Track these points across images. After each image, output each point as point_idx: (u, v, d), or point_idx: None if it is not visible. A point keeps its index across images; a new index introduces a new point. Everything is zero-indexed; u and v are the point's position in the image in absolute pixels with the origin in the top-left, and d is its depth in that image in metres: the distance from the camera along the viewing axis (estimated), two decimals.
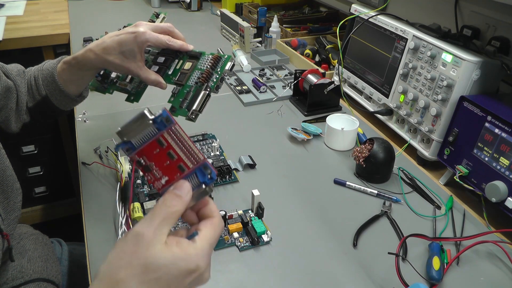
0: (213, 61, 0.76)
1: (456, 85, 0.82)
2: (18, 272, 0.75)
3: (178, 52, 0.79)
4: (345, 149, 0.97)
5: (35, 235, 0.88)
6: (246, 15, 1.80)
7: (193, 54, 0.78)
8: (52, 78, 0.79)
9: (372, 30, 1.05)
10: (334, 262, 0.68)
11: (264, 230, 0.72)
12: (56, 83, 0.79)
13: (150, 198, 0.77)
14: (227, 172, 0.85)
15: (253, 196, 0.75)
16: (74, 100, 0.83)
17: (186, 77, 0.77)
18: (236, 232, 0.72)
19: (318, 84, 1.08)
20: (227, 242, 0.70)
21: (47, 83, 0.80)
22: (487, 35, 0.92)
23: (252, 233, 0.70)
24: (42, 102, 0.81)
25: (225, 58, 0.77)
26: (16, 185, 0.76)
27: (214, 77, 0.75)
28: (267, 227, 0.73)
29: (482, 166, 0.76)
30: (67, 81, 0.79)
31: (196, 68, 0.77)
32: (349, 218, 0.77)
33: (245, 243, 0.70)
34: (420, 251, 0.70)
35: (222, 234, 0.71)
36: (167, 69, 0.79)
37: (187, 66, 0.77)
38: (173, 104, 0.76)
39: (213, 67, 0.75)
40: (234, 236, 0.71)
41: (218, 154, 0.91)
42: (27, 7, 1.84)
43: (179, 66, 0.79)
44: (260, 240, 0.71)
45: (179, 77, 0.77)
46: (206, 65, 0.76)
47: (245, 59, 1.37)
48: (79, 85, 0.81)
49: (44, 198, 1.84)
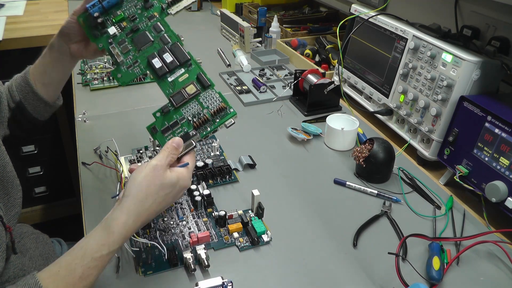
0: (216, 109, 0.67)
1: (456, 85, 0.82)
2: (19, 270, 0.75)
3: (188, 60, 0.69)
4: (345, 149, 0.97)
5: (35, 234, 0.89)
6: (246, 15, 1.80)
7: (202, 79, 0.68)
8: (25, 81, 0.80)
9: (372, 30, 1.05)
10: (334, 262, 0.68)
11: (264, 230, 0.72)
12: (29, 84, 0.80)
13: None
14: (227, 172, 0.85)
15: (253, 196, 0.75)
16: (47, 105, 0.84)
17: (183, 101, 0.67)
18: (236, 232, 0.72)
19: (318, 84, 1.08)
20: (227, 242, 0.70)
21: (20, 88, 0.81)
22: (487, 35, 0.92)
23: (252, 233, 0.70)
24: (17, 110, 0.81)
25: (230, 112, 0.67)
26: (16, 182, 0.76)
27: (209, 126, 0.67)
28: (267, 227, 0.73)
29: (482, 166, 0.76)
30: (40, 79, 0.80)
31: (197, 99, 0.68)
32: (349, 218, 0.77)
33: (245, 243, 0.70)
34: (420, 251, 0.70)
35: (222, 233, 0.71)
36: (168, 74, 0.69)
37: (189, 89, 0.68)
38: (156, 125, 0.68)
39: (213, 115, 0.67)
40: (234, 236, 0.71)
41: (218, 154, 0.91)
42: (27, 7, 1.84)
43: (182, 79, 0.69)
44: (260, 240, 0.71)
45: (176, 96, 0.67)
46: (208, 106, 0.67)
47: (245, 59, 1.37)
48: (52, 84, 0.82)
49: (44, 198, 1.84)
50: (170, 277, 0.65)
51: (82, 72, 1.25)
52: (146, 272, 0.64)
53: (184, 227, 0.73)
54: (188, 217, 0.75)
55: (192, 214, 0.75)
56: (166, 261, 0.66)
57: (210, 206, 0.77)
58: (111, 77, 1.21)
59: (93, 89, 1.18)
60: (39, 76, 0.81)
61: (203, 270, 0.65)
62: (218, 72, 1.33)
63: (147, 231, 0.71)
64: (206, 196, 0.76)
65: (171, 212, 0.75)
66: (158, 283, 0.64)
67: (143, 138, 0.95)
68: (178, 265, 0.66)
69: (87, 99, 1.15)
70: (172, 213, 0.75)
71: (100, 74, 1.23)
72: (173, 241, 0.70)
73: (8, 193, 0.73)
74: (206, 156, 0.90)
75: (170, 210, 0.76)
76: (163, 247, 0.66)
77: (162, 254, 0.67)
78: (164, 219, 0.74)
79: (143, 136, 0.97)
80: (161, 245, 0.67)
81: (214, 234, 0.72)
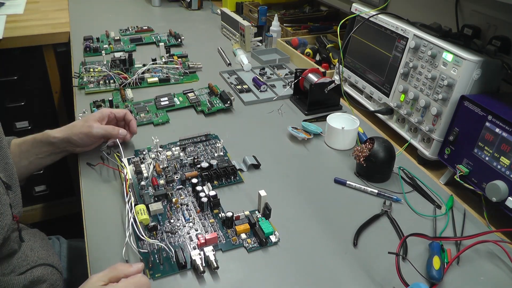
0: None
1: (456, 84, 0.82)
2: (22, 261, 0.77)
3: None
4: (346, 148, 0.97)
5: (32, 231, 0.89)
6: (247, 14, 1.80)
7: None
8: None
9: (373, 29, 1.05)
10: (334, 262, 0.68)
11: (272, 231, 0.71)
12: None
13: (155, 199, 0.77)
14: (232, 173, 0.84)
15: (260, 197, 0.74)
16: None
17: None
18: (244, 233, 0.72)
19: (318, 83, 1.07)
20: (235, 243, 0.70)
21: None
22: (487, 34, 0.92)
23: (260, 234, 0.70)
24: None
25: None
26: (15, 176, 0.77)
27: None
28: (275, 227, 0.73)
29: (483, 166, 0.76)
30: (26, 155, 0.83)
31: None
32: (350, 218, 0.77)
33: (253, 244, 0.70)
34: (420, 250, 0.70)
35: (230, 235, 0.71)
36: None
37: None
38: None
39: None
40: (242, 237, 0.71)
41: (222, 154, 0.91)
42: (27, 5, 1.83)
43: None
44: (268, 241, 0.70)
45: None
46: None
47: (245, 58, 1.37)
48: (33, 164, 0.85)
49: (44, 197, 1.85)
50: (179, 280, 0.64)
51: (78, 75, 1.22)
52: (155, 275, 0.64)
53: (190, 228, 0.72)
54: (194, 219, 0.74)
55: (198, 216, 0.75)
56: (174, 263, 0.66)
57: (216, 207, 0.76)
58: (107, 81, 1.19)
59: (88, 92, 1.16)
60: (27, 153, 0.83)
61: (212, 272, 0.65)
62: (218, 71, 1.33)
63: (153, 233, 0.70)
64: (213, 197, 0.76)
65: (177, 214, 0.75)
66: (167, 286, 0.63)
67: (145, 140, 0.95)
68: (187, 267, 0.65)
69: (87, 99, 1.15)
70: (178, 215, 0.75)
71: (96, 78, 1.21)
72: (180, 243, 0.69)
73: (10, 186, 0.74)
74: (210, 157, 0.90)
75: (176, 212, 0.75)
76: (171, 249, 0.66)
77: (170, 256, 0.66)
78: (170, 220, 0.73)
79: (144, 137, 0.97)
80: (168, 247, 0.67)
81: (222, 236, 0.71)
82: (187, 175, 0.82)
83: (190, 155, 0.90)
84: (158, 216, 0.74)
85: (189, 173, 0.83)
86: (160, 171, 0.84)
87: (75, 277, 0.93)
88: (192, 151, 0.91)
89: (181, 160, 0.88)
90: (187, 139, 0.95)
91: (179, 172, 0.85)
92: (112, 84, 1.19)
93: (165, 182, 0.81)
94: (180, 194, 0.80)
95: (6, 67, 1.56)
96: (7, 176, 0.73)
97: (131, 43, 1.51)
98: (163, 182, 0.81)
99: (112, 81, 1.19)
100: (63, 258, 0.97)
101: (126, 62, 1.28)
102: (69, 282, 0.90)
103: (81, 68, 1.26)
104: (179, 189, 0.81)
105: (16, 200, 0.75)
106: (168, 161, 0.87)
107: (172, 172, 0.84)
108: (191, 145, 0.94)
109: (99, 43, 1.49)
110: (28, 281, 0.75)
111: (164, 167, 0.85)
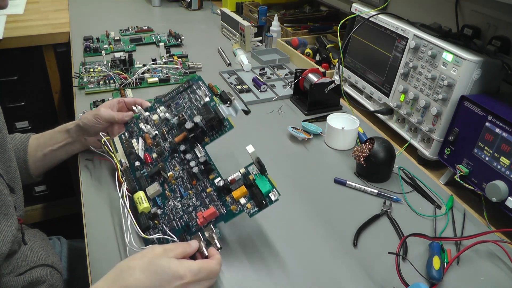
0: None
1: (456, 84, 0.82)
2: (22, 261, 0.77)
3: None
4: (346, 148, 0.97)
5: (33, 231, 0.89)
6: (247, 14, 1.80)
7: None
8: (23, 147, 0.85)
9: (373, 29, 1.05)
10: (334, 262, 0.68)
11: (270, 189, 0.63)
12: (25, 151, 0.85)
13: (151, 180, 0.74)
14: (220, 124, 0.73)
15: (249, 154, 0.66)
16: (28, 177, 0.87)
17: None
18: (243, 198, 0.65)
19: (318, 84, 1.07)
20: (235, 211, 0.65)
21: (15, 149, 0.84)
22: (487, 34, 0.92)
23: (258, 196, 0.63)
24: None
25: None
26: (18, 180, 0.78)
27: None
28: (274, 182, 0.64)
29: (483, 166, 0.76)
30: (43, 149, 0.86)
31: None
32: (349, 218, 0.77)
33: (254, 208, 0.64)
34: (420, 250, 0.70)
35: (228, 204, 0.66)
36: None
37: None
38: None
39: None
40: (241, 202, 0.65)
41: (207, 100, 0.77)
42: (28, 5, 1.83)
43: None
44: (267, 201, 0.63)
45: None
46: None
47: (245, 58, 1.37)
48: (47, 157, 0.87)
49: (44, 197, 1.85)
50: None
51: (78, 75, 1.22)
52: None
53: (189, 206, 0.69)
54: (191, 192, 0.70)
55: (195, 187, 0.71)
56: None
57: (211, 173, 0.70)
58: (107, 81, 1.19)
59: (88, 92, 1.16)
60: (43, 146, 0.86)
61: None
62: (218, 71, 1.33)
63: (156, 222, 0.69)
64: (203, 164, 0.71)
65: (175, 190, 0.72)
66: None
67: None
68: None
69: (87, 99, 1.15)
70: (176, 191, 0.72)
71: (97, 78, 1.20)
72: (183, 225, 0.68)
73: (13, 189, 0.74)
74: (194, 111, 0.78)
75: (172, 189, 0.72)
76: (173, 237, 0.66)
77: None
78: (169, 201, 0.71)
79: None
80: (171, 236, 0.66)
81: (221, 205, 0.66)
82: (176, 140, 0.75)
83: (177, 111, 0.81)
84: (157, 198, 0.72)
85: (178, 137, 0.75)
86: (151, 143, 0.79)
87: (76, 277, 0.93)
88: (178, 105, 0.82)
89: (168, 121, 0.80)
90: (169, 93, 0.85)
91: (168, 139, 0.78)
92: (112, 84, 1.19)
93: (157, 155, 0.77)
94: (175, 165, 0.75)
95: (6, 67, 1.56)
96: (10, 179, 0.74)
97: (131, 43, 1.51)
98: (156, 155, 0.77)
99: (112, 81, 1.19)
100: (63, 259, 0.97)
101: (126, 62, 1.28)
102: (69, 283, 0.91)
103: (81, 68, 1.26)
104: (172, 158, 0.76)
105: (19, 203, 0.76)
106: (157, 127, 0.81)
107: (162, 140, 0.79)
108: (176, 97, 0.83)
109: (99, 43, 1.49)
110: (27, 282, 0.75)
111: (154, 136, 0.80)
